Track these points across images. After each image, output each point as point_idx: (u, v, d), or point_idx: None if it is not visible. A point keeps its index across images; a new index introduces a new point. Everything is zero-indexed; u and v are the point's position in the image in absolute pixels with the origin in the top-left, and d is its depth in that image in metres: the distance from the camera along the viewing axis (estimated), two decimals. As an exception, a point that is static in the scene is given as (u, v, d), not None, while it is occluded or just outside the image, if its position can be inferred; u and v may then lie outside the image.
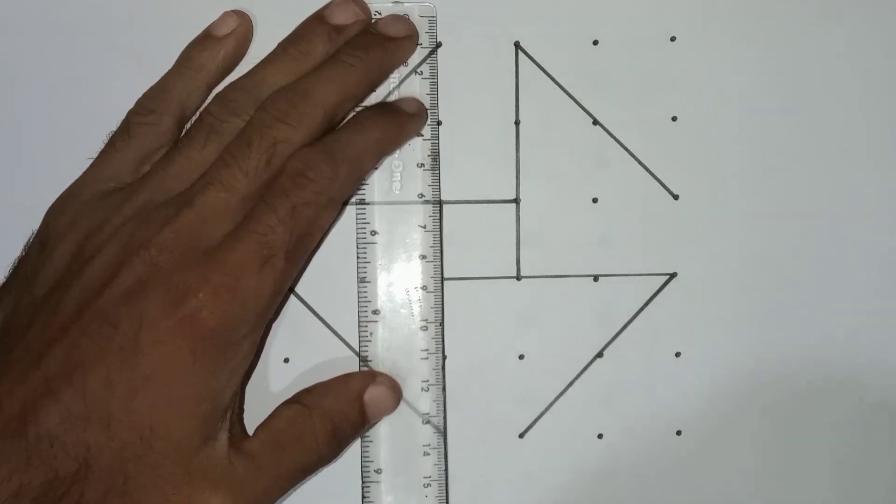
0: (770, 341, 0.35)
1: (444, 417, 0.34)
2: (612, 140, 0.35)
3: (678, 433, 0.35)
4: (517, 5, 0.35)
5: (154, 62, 0.33)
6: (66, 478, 0.28)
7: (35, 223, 0.32)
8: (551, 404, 0.35)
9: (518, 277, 0.35)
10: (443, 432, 0.34)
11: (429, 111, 0.34)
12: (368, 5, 0.34)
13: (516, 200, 0.35)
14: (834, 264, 0.35)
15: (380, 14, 0.34)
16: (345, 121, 0.33)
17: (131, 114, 0.33)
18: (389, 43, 0.33)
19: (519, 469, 0.35)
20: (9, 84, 0.34)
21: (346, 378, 0.34)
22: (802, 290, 0.35)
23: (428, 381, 0.34)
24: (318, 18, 0.33)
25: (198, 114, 0.32)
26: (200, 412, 0.29)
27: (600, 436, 0.35)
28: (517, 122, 0.35)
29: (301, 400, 0.33)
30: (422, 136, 0.34)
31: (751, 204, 0.35)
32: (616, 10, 0.35)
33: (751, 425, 0.35)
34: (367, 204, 0.34)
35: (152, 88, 0.33)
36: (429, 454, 0.34)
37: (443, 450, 0.34)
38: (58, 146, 0.34)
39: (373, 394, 0.33)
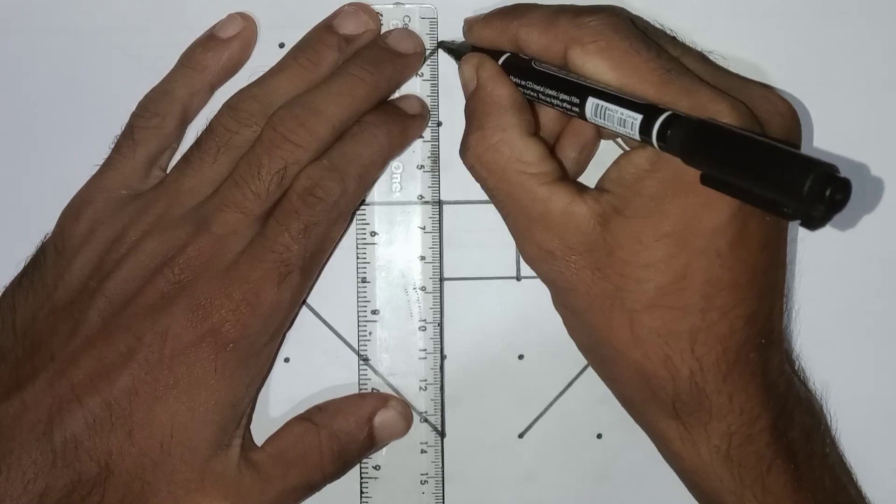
0: (770, 341, 0.35)
1: (442, 416, 0.35)
2: (612, 140, 0.35)
3: (678, 433, 0.35)
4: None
5: (155, 63, 0.34)
6: (89, 481, 0.29)
7: (37, 223, 0.32)
8: (551, 404, 0.35)
9: (518, 277, 0.35)
10: (440, 431, 0.34)
11: (430, 112, 0.34)
12: (377, 14, 0.34)
13: (516, 201, 0.35)
14: (834, 263, 0.35)
15: (381, 15, 0.34)
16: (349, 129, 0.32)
17: (135, 117, 0.33)
18: (398, 59, 0.33)
19: (519, 469, 0.35)
20: (10, 85, 0.35)
21: (358, 399, 0.34)
22: (802, 290, 0.35)
23: (426, 380, 0.34)
24: (327, 28, 0.33)
25: (208, 123, 0.32)
26: (220, 419, 0.30)
27: (600, 436, 0.35)
28: (517, 123, 0.35)
29: (312, 418, 0.33)
30: (422, 137, 0.34)
31: (751, 204, 0.35)
32: (616, 10, 0.35)
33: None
34: (367, 205, 0.34)
35: (155, 90, 0.33)
36: (426, 452, 0.34)
37: (440, 448, 0.34)
38: (59, 146, 0.35)
39: (383, 418, 0.33)
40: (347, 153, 0.32)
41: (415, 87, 0.34)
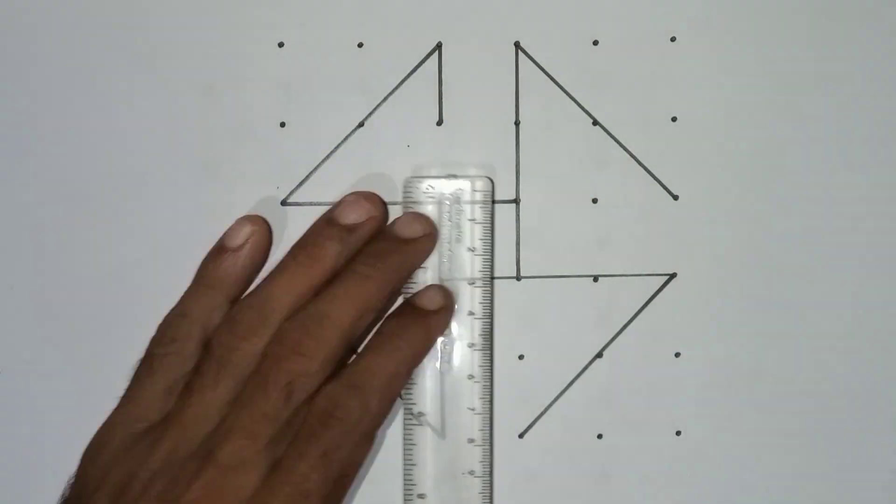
0: (770, 341, 0.35)
1: (442, 416, 0.34)
2: (612, 140, 0.35)
3: (678, 433, 0.35)
4: (517, 5, 0.35)
5: (153, 62, 0.34)
6: None
7: (36, 223, 0.32)
8: (551, 404, 0.35)
9: (518, 277, 0.35)
10: (440, 431, 0.34)
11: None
12: (382, 201, 0.33)
13: (516, 200, 0.35)
14: (834, 264, 0.35)
15: (432, 188, 0.33)
16: (367, 339, 0.31)
17: (154, 344, 0.31)
18: (406, 246, 0.32)
19: (519, 469, 0.35)
20: (9, 84, 0.35)
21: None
22: (802, 290, 0.35)
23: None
24: (327, 221, 0.32)
25: (206, 344, 0.31)
26: None
27: (600, 436, 0.35)
28: (517, 122, 0.35)
29: None
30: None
31: (751, 204, 0.35)
32: (616, 10, 0.35)
33: (750, 425, 0.35)
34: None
35: (172, 314, 0.32)
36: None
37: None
38: (57, 145, 0.34)
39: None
40: (368, 368, 0.30)
41: (465, 232, 0.33)
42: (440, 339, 0.33)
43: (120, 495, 0.29)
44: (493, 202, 0.34)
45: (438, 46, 0.35)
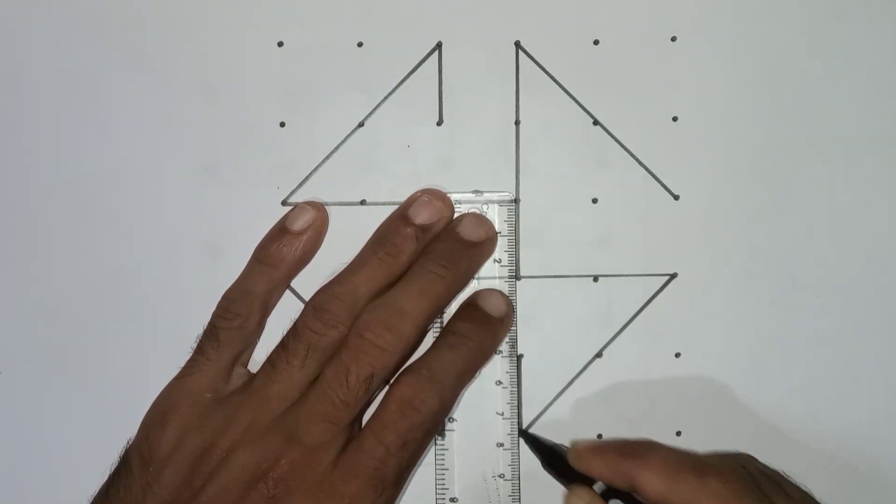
0: (770, 341, 0.35)
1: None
2: (612, 140, 0.35)
3: (678, 433, 0.35)
4: (517, 5, 0.35)
5: (153, 63, 0.34)
6: None
7: (36, 223, 0.32)
8: (551, 404, 0.35)
9: (518, 277, 0.35)
10: (440, 430, 0.34)
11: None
12: (451, 200, 0.34)
13: (516, 200, 0.35)
14: (834, 264, 0.35)
15: (459, 203, 0.34)
16: (442, 335, 0.32)
17: (217, 318, 0.33)
18: (472, 250, 0.33)
19: (519, 468, 0.35)
20: (8, 85, 0.35)
21: None
22: (802, 290, 0.35)
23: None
24: (403, 218, 0.33)
25: (293, 323, 0.32)
26: None
27: (600, 436, 0.35)
28: (517, 122, 0.35)
29: None
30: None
31: (751, 204, 0.35)
32: (616, 10, 0.35)
33: (750, 425, 0.35)
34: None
35: (234, 289, 0.33)
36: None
37: (442, 446, 0.34)
38: (57, 146, 0.34)
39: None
40: (445, 363, 0.31)
41: (493, 275, 0.34)
42: None
43: (200, 462, 0.30)
44: (518, 218, 0.35)
45: (438, 46, 0.35)
